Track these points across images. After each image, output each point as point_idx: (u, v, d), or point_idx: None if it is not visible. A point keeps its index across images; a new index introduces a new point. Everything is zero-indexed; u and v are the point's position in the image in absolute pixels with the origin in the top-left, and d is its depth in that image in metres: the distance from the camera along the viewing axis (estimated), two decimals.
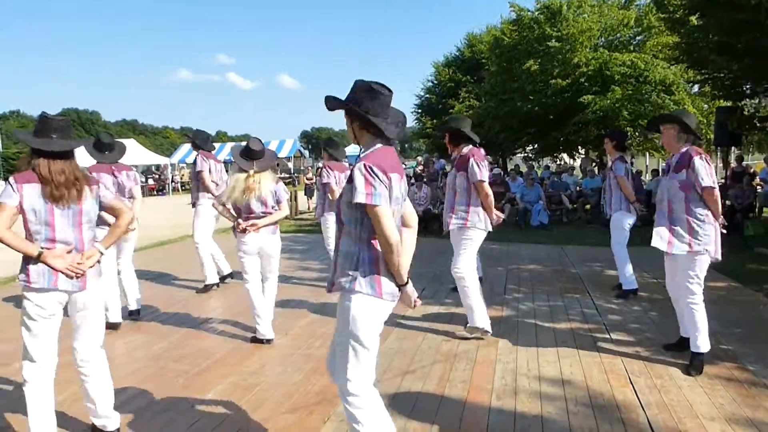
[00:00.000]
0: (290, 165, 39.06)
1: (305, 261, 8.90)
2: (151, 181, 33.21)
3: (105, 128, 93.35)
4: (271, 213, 4.86)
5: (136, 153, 35.38)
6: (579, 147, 19.73)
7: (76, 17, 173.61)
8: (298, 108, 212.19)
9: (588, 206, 13.93)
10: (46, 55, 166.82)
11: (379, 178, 2.48)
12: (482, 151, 5.07)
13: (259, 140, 4.96)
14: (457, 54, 26.84)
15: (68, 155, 3.14)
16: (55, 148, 3.06)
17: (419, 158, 24.74)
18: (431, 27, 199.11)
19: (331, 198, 6.38)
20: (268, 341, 4.94)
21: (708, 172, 4.08)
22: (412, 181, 13.13)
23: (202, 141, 7.18)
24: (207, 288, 6.92)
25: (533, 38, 17.02)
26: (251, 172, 4.74)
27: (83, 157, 4.95)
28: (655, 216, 4.41)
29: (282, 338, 5.07)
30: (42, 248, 3.00)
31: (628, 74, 15.37)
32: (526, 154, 22.50)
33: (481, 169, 4.83)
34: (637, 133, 16.06)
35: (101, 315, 3.30)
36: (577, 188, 14.98)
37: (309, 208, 18.82)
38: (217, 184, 6.89)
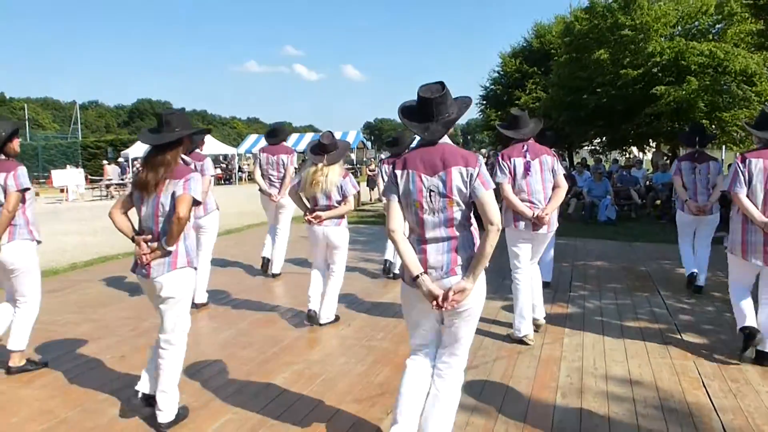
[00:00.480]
0: (353, 156, 39.40)
1: (367, 252, 8.97)
2: (218, 171, 34.22)
3: None
4: (335, 206, 5.00)
5: (205, 143, 36.61)
6: (650, 140, 18.98)
7: (149, 11, 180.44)
8: (362, 99, 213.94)
9: (658, 201, 13.41)
10: (121, 48, 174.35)
11: (390, 175, 2.82)
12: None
13: (331, 133, 5.12)
14: (525, 44, 26.29)
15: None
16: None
17: (483, 151, 24.43)
18: (498, 16, 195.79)
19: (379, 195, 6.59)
20: (329, 323, 5.20)
21: (731, 176, 4.26)
22: None
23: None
24: (276, 274, 7.29)
25: (605, 27, 16.44)
26: (320, 165, 4.92)
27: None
28: None
29: (344, 329, 5.15)
30: (135, 234, 3.34)
31: (706, 64, 14.63)
32: (593, 147, 21.83)
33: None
34: (713, 126, 15.30)
35: (170, 306, 3.37)
36: (647, 183, 14.44)
37: (371, 200, 18.96)
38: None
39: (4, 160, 4.04)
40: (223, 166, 35.20)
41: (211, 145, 36.83)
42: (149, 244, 3.28)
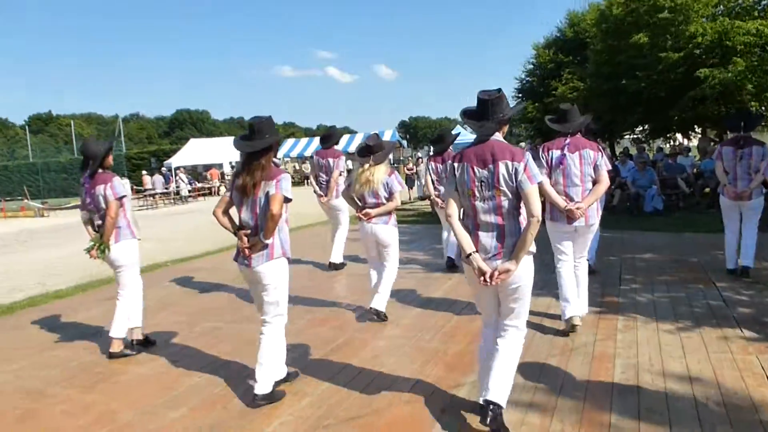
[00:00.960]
0: (390, 156, 39.41)
1: (411, 252, 8.93)
2: None
3: (215, 126, 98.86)
4: (383, 203, 5.27)
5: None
6: (695, 126, 18.41)
7: (184, 23, 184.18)
8: (396, 98, 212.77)
9: (707, 190, 13.01)
10: (159, 61, 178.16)
11: (448, 167, 3.27)
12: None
13: (377, 135, 5.47)
14: (558, 34, 25.84)
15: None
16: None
17: (522, 144, 24.10)
18: (530, 8, 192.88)
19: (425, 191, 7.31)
20: (378, 315, 5.41)
21: None
22: None
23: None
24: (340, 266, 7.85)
25: (643, 11, 16.01)
26: (366, 166, 5.22)
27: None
28: None
29: (393, 329, 5.17)
30: (236, 229, 3.80)
31: (753, 43, 14.08)
32: (636, 136, 21.30)
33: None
34: (763, 108, 14.73)
35: (274, 291, 3.78)
36: (694, 170, 14.02)
37: (410, 199, 18.94)
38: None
39: (102, 173, 4.72)
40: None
41: None
42: (250, 238, 3.69)
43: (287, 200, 3.68)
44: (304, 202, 9.58)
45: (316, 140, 33.19)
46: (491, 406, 3.11)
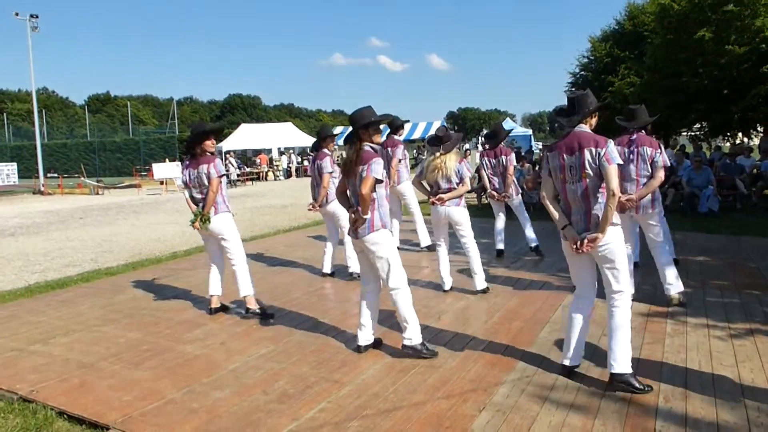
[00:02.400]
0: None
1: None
2: (306, 163, 34.98)
3: (265, 112, 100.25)
4: (455, 188, 5.77)
5: (292, 135, 37.62)
6: (757, 125, 17.63)
7: (239, 9, 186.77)
8: (446, 88, 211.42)
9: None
10: (214, 45, 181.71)
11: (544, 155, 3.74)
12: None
13: (445, 127, 6.00)
14: (616, 27, 25.09)
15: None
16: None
17: None
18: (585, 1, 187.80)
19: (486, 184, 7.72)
20: (482, 291, 5.96)
21: None
22: None
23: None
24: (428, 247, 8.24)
25: (707, 5, 15.39)
26: (438, 154, 5.76)
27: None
28: None
29: (435, 322, 5.14)
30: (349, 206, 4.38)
31: None
32: (693, 134, 20.54)
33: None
34: None
35: (382, 256, 4.24)
36: (755, 171, 13.43)
37: None
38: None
39: (204, 155, 5.36)
40: (310, 158, 35.94)
41: (298, 138, 37.83)
42: (355, 213, 4.24)
43: (378, 181, 4.18)
44: None
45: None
46: (622, 378, 3.61)
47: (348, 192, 4.39)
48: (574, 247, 3.63)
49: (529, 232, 7.80)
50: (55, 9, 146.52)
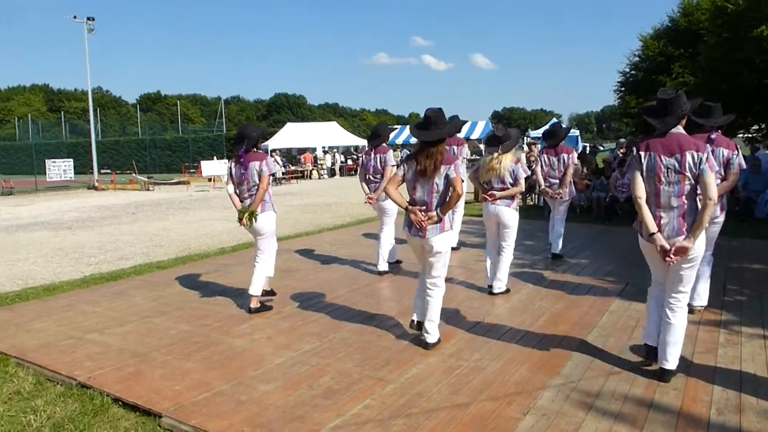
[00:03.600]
0: (482, 146, 38.86)
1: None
2: (350, 162, 35.22)
3: (310, 111, 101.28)
4: (508, 188, 5.81)
5: (336, 134, 37.92)
6: None
7: (285, 9, 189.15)
8: (491, 88, 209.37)
9: None
10: (260, 46, 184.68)
11: (633, 155, 3.78)
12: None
13: (504, 126, 6.03)
14: (669, 24, 24.34)
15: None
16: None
17: (621, 140, 23.04)
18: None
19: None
20: (500, 293, 5.97)
21: None
22: (614, 166, 12.38)
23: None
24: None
25: (765, 1, 14.76)
26: (495, 154, 5.77)
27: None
28: None
29: (479, 323, 5.12)
30: (408, 205, 4.40)
31: None
32: (750, 136, 19.80)
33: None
34: None
35: (440, 260, 4.40)
36: None
37: None
38: None
39: (257, 153, 5.53)
40: (354, 157, 36.17)
41: (342, 137, 38.10)
42: (427, 213, 4.28)
43: (462, 182, 4.29)
44: None
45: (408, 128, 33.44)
46: (666, 373, 3.80)
47: (416, 191, 4.38)
48: (666, 258, 3.61)
49: (559, 238, 7.71)
50: (110, 11, 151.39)
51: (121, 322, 5.42)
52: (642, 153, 3.71)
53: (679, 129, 3.70)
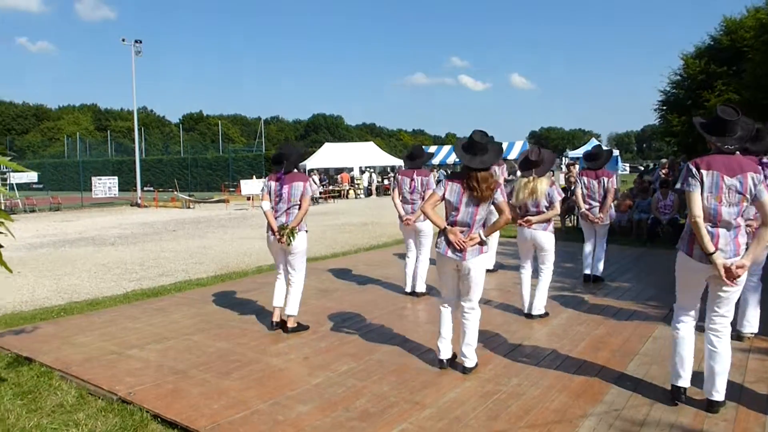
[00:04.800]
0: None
1: None
2: (386, 182, 35.34)
3: (347, 131, 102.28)
4: (543, 212, 5.73)
5: (373, 154, 38.16)
6: None
7: (323, 32, 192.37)
8: (529, 108, 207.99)
9: None
10: (299, 66, 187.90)
11: (692, 173, 3.63)
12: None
13: (538, 149, 5.87)
14: (712, 43, 23.87)
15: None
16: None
17: (663, 160, 22.54)
18: (675, 15, 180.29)
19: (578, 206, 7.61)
20: (538, 316, 5.90)
21: None
22: (655, 187, 12.13)
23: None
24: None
25: None
26: (530, 178, 5.73)
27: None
28: None
29: (519, 348, 5.04)
30: (447, 225, 4.37)
31: None
32: None
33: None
34: None
35: (477, 283, 4.37)
36: None
37: None
38: None
39: (299, 173, 5.64)
40: (391, 177, 36.27)
41: (379, 157, 38.30)
42: (469, 234, 4.28)
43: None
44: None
45: (452, 148, 33.27)
46: (715, 405, 3.67)
47: (459, 213, 4.34)
48: (726, 277, 3.49)
49: (600, 261, 7.55)
50: (156, 34, 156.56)
51: (161, 338, 5.50)
52: (704, 171, 3.60)
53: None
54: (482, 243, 4.29)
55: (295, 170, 5.62)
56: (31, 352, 5.12)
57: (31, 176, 30.04)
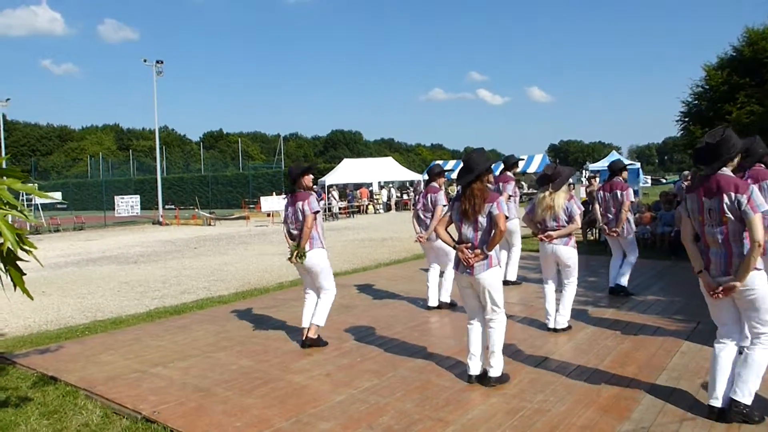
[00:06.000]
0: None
1: None
2: (405, 197, 35.36)
3: (366, 147, 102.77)
4: (563, 227, 5.72)
5: (392, 170, 38.22)
6: None
7: (339, 50, 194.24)
8: (548, 121, 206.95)
9: None
10: (318, 84, 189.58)
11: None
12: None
13: (553, 165, 5.99)
14: (734, 54, 23.62)
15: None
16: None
17: (685, 172, 22.32)
18: (697, 26, 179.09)
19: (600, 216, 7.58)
20: (561, 330, 5.85)
21: None
22: (678, 199, 11.96)
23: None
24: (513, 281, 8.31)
25: None
26: (547, 193, 5.75)
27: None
28: None
29: (545, 361, 4.97)
30: (456, 244, 4.45)
31: None
32: None
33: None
34: None
35: (495, 294, 4.36)
36: None
37: None
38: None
39: (302, 192, 5.57)
40: (409, 191, 36.31)
41: (398, 172, 38.35)
42: (473, 251, 4.30)
43: (506, 218, 4.32)
44: None
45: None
46: (739, 407, 3.59)
47: (463, 229, 4.43)
48: (712, 293, 3.61)
49: (626, 271, 7.44)
50: (176, 54, 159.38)
51: (184, 356, 5.53)
52: (688, 195, 3.77)
53: (724, 169, 3.61)
54: (486, 257, 4.29)
55: (300, 190, 5.61)
56: (57, 372, 5.18)
57: (56, 196, 30.61)
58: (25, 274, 2.21)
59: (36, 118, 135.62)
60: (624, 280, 7.46)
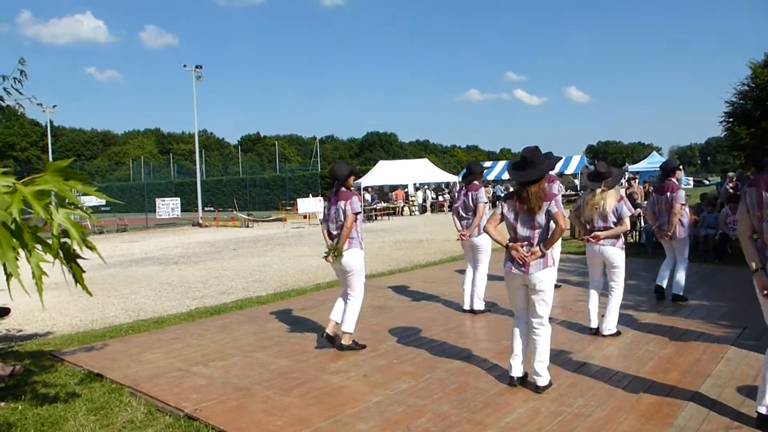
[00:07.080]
0: (576, 182, 37.81)
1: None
2: (441, 198, 35.25)
3: (401, 148, 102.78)
4: (611, 227, 5.59)
5: (427, 171, 38.18)
6: None
7: (372, 51, 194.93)
8: (586, 121, 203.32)
9: None
10: (355, 86, 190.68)
11: None
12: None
13: (606, 162, 5.83)
14: None
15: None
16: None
17: (730, 174, 21.68)
18: (744, 24, 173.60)
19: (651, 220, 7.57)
20: (610, 335, 5.71)
21: None
22: (722, 201, 11.65)
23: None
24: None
25: None
26: (598, 191, 5.61)
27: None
28: None
29: (581, 367, 4.91)
30: (508, 242, 4.37)
31: None
32: None
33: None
34: None
35: (545, 297, 4.32)
36: None
37: None
38: None
39: (345, 192, 5.60)
40: (446, 192, 36.17)
41: (433, 173, 38.27)
42: (530, 249, 4.26)
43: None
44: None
45: (507, 163, 32.83)
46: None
47: (518, 229, 4.36)
48: (765, 293, 3.49)
49: (680, 277, 7.22)
50: (214, 58, 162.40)
51: (225, 355, 5.64)
52: (747, 189, 3.64)
53: None
54: (543, 255, 4.23)
55: (343, 189, 5.65)
56: (102, 369, 5.34)
57: (100, 200, 31.51)
58: (85, 272, 2.32)
59: (81, 124, 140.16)
60: (679, 288, 7.23)
